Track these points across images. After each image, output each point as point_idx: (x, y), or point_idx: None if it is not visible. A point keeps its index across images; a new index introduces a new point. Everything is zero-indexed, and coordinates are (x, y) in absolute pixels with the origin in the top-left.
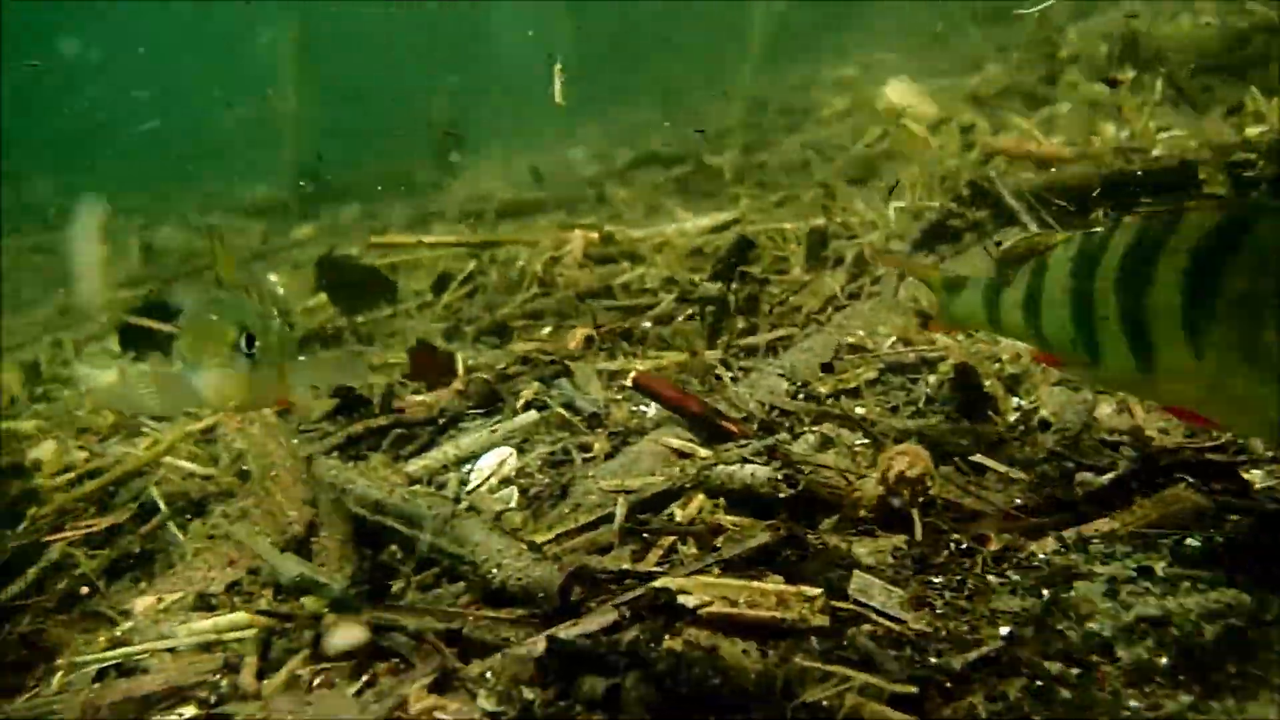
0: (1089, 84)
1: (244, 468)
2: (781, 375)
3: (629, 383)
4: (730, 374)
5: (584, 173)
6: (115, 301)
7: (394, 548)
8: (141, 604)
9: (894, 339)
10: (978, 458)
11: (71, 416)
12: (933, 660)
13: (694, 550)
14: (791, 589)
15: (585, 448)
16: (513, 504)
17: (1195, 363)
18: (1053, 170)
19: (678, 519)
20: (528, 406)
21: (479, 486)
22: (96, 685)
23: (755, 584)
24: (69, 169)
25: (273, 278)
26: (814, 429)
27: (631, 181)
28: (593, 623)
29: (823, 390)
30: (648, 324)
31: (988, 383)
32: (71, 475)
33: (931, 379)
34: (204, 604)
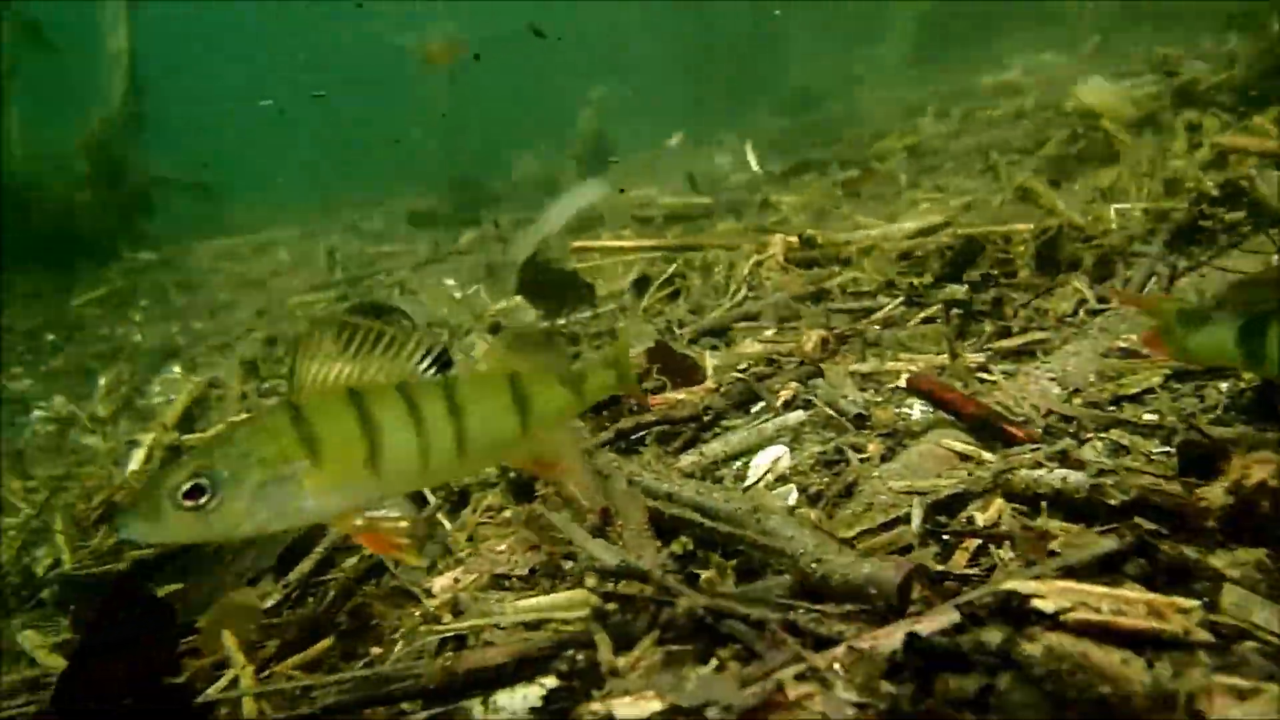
0: None
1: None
2: (1052, 379)
3: (901, 383)
4: (995, 377)
5: (736, 179)
6: (308, 305)
7: (685, 539)
8: (440, 583)
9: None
10: None
11: None
12: None
13: (1009, 554)
14: (1164, 599)
15: (858, 448)
16: (793, 501)
17: None
18: None
19: (979, 522)
20: (789, 406)
21: (757, 483)
22: (449, 654)
23: (1118, 591)
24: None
25: (449, 282)
26: (1101, 435)
27: (793, 187)
28: (936, 622)
29: (1101, 396)
30: (877, 327)
31: None
32: None
33: (1224, 385)
34: (501, 585)
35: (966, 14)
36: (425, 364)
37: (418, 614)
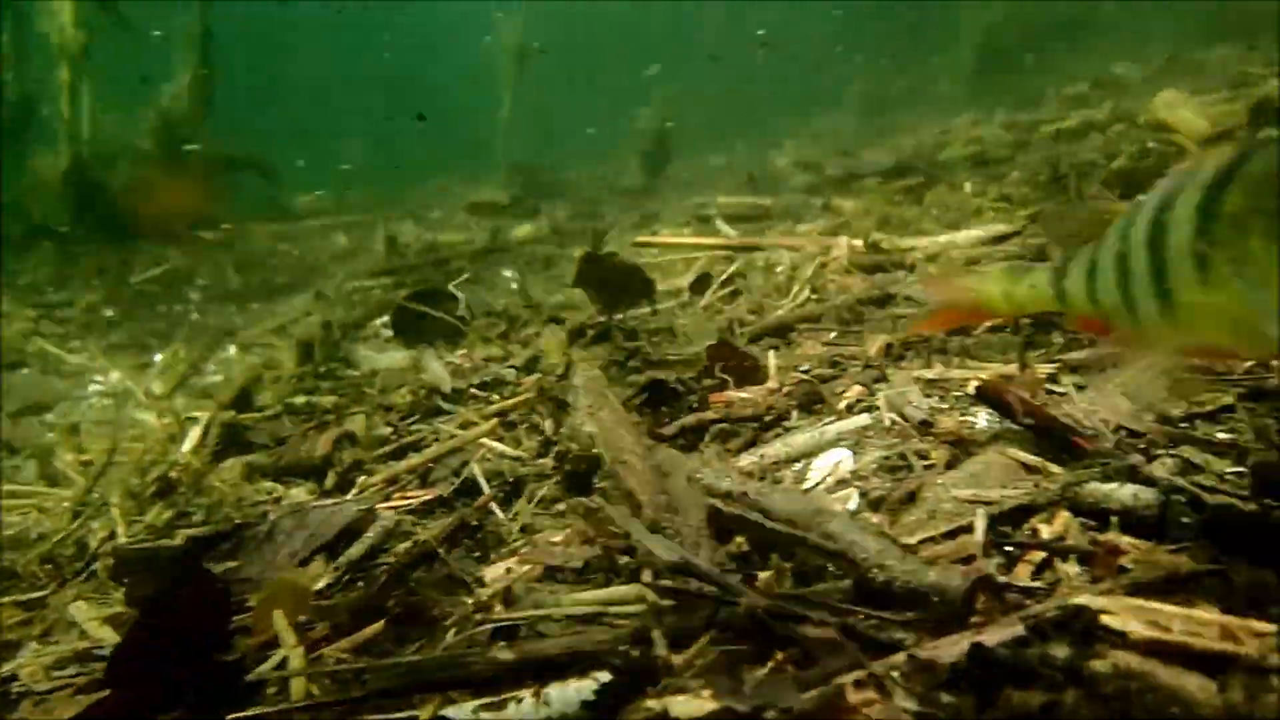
0: None
1: (567, 454)
2: (1124, 393)
3: (970, 390)
4: (1066, 389)
5: (795, 181)
6: (364, 290)
7: (740, 540)
8: (491, 573)
9: (1249, 363)
10: None
11: (365, 394)
12: None
13: (1074, 569)
14: (1238, 621)
15: (923, 455)
16: (854, 505)
17: (1202, 291)
18: None
19: (1043, 535)
20: (852, 409)
21: (817, 486)
22: (501, 644)
23: (1192, 611)
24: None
25: (507, 273)
26: (1172, 452)
27: (854, 190)
28: (1001, 633)
29: (1174, 412)
30: (942, 334)
31: None
32: (388, 449)
33: None
34: (554, 578)
35: (1035, 24)
36: None
37: (469, 602)
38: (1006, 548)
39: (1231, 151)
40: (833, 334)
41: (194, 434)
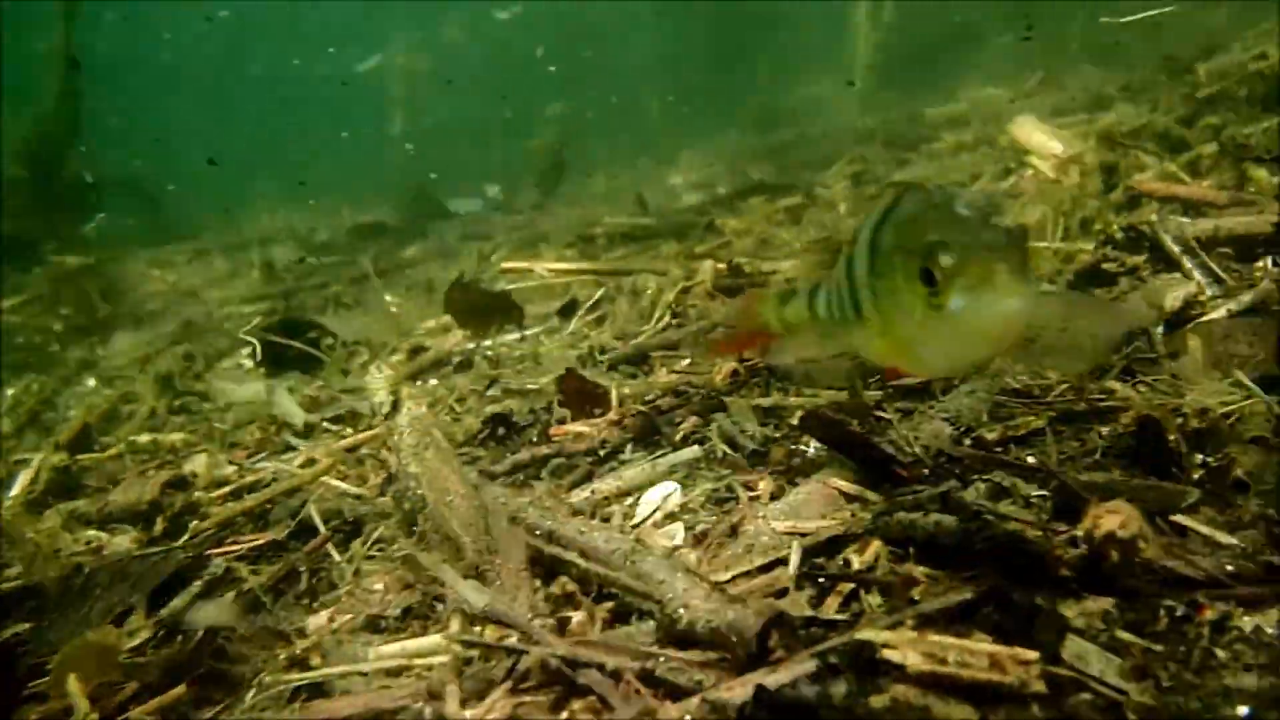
0: (1235, 126)
1: (407, 492)
2: (945, 419)
3: (795, 420)
4: (891, 416)
5: (687, 200)
6: (238, 317)
7: (565, 580)
8: (314, 622)
9: (1064, 385)
10: (1179, 518)
11: (215, 430)
12: None
13: (878, 600)
14: (1005, 650)
15: (750, 486)
16: (678, 540)
17: (870, 317)
18: (1205, 216)
19: (855, 565)
20: (686, 441)
21: (645, 521)
22: (295, 705)
23: (965, 642)
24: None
25: (388, 298)
26: (985, 477)
27: (740, 210)
28: (790, 672)
29: (990, 437)
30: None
31: (1172, 437)
32: (226, 490)
33: (1105, 430)
34: (375, 627)
35: (921, 44)
36: None
37: (283, 657)
38: (820, 579)
39: (890, 194)
40: (686, 360)
41: (23, 478)
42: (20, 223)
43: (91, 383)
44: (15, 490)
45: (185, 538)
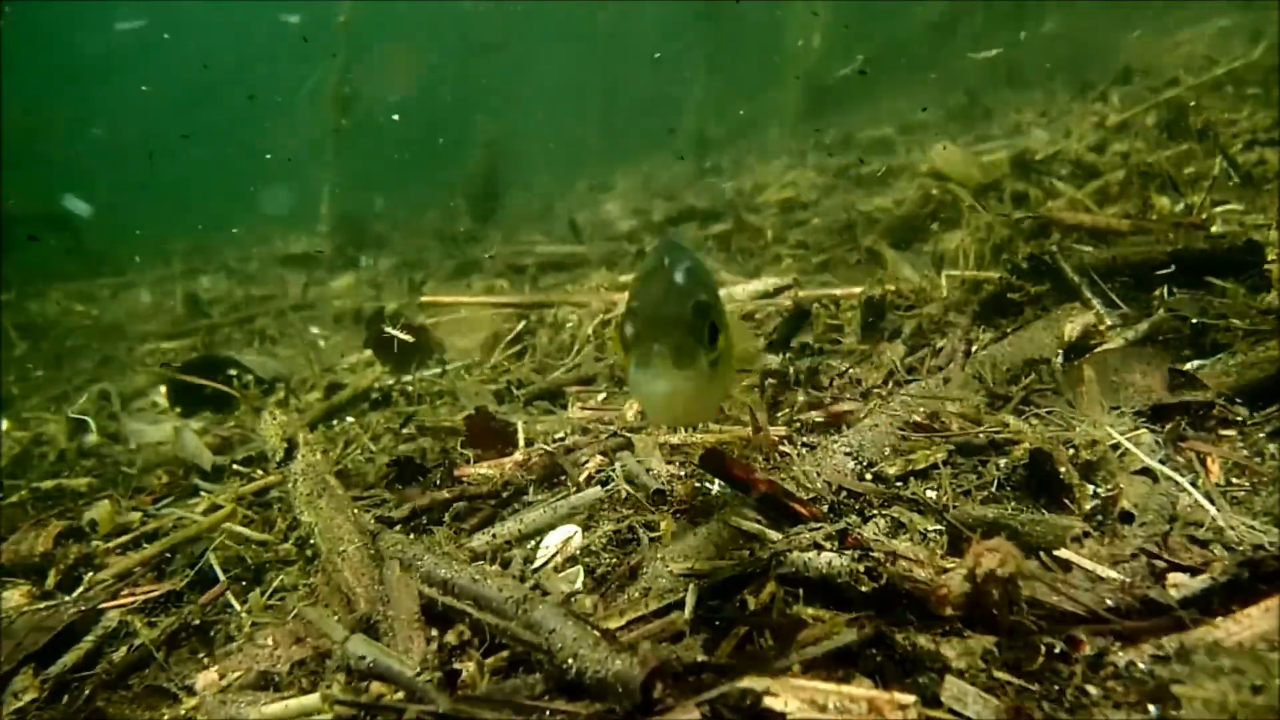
0: (1143, 152)
1: (309, 539)
2: (848, 454)
3: (695, 461)
4: (795, 451)
5: (621, 227)
6: (159, 353)
7: (461, 628)
8: (204, 679)
9: (962, 418)
10: (1062, 552)
11: (122, 474)
12: None
13: (771, 642)
14: (884, 695)
15: (651, 526)
16: (579, 584)
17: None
18: (1109, 244)
19: (751, 607)
20: (590, 481)
21: (545, 565)
22: None
23: (845, 688)
24: (112, 216)
25: (315, 330)
26: (884, 512)
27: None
28: None
29: (891, 471)
30: None
31: (1063, 469)
32: (127, 538)
33: (1002, 462)
34: (268, 683)
35: (855, 63)
36: None
37: (167, 718)
38: (716, 622)
39: (655, 241)
40: (601, 395)
41: None
42: None
43: (4, 424)
44: None
45: (81, 590)
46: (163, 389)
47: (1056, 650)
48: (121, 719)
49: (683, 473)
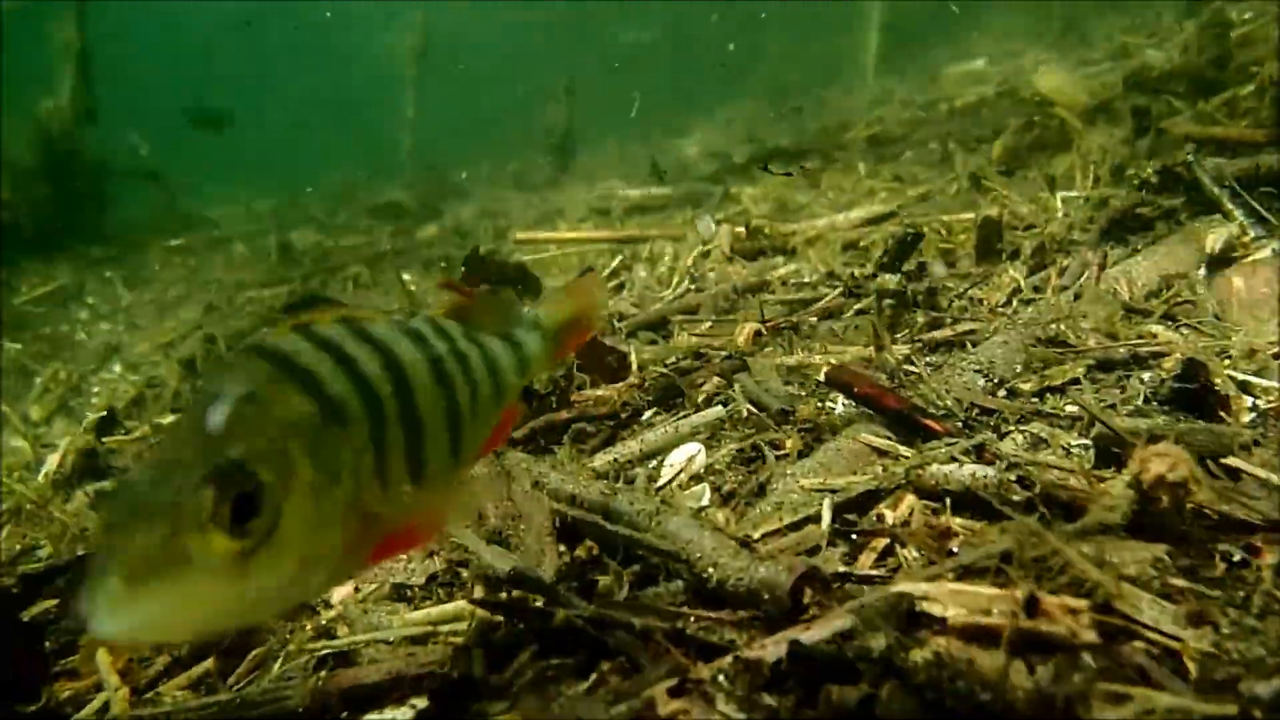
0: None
1: None
2: (978, 371)
3: (821, 377)
4: (920, 369)
5: (702, 169)
6: (257, 300)
7: (590, 543)
8: (340, 592)
9: (1097, 333)
10: (1231, 460)
11: None
12: (1231, 685)
13: (914, 554)
14: (1053, 599)
15: (776, 444)
16: (705, 501)
17: None
18: (1244, 156)
19: (888, 520)
20: (709, 402)
21: (670, 482)
22: (322, 673)
23: (1008, 592)
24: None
25: (405, 277)
26: (1021, 428)
27: (756, 177)
28: (826, 627)
29: (1026, 387)
30: (814, 319)
31: (1218, 380)
32: None
33: (1146, 375)
34: (400, 595)
35: (938, 3)
36: None
37: (309, 627)
38: (853, 535)
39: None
40: (707, 324)
41: (51, 461)
42: (39, 212)
43: (118, 369)
44: (43, 472)
45: None
46: (267, 329)
47: (1235, 558)
48: (267, 629)
49: (803, 393)
